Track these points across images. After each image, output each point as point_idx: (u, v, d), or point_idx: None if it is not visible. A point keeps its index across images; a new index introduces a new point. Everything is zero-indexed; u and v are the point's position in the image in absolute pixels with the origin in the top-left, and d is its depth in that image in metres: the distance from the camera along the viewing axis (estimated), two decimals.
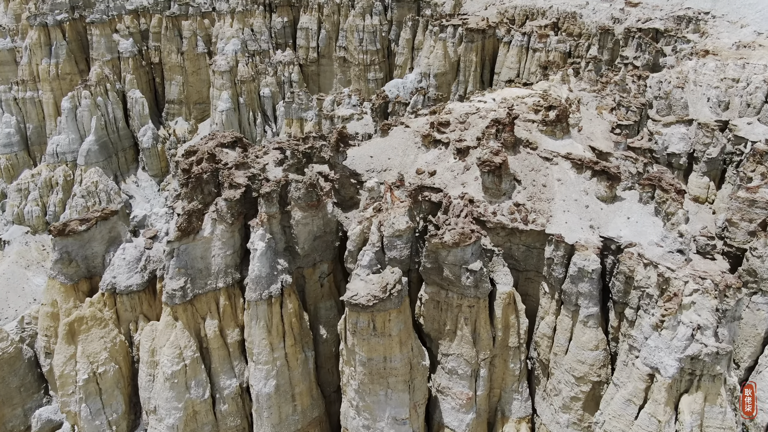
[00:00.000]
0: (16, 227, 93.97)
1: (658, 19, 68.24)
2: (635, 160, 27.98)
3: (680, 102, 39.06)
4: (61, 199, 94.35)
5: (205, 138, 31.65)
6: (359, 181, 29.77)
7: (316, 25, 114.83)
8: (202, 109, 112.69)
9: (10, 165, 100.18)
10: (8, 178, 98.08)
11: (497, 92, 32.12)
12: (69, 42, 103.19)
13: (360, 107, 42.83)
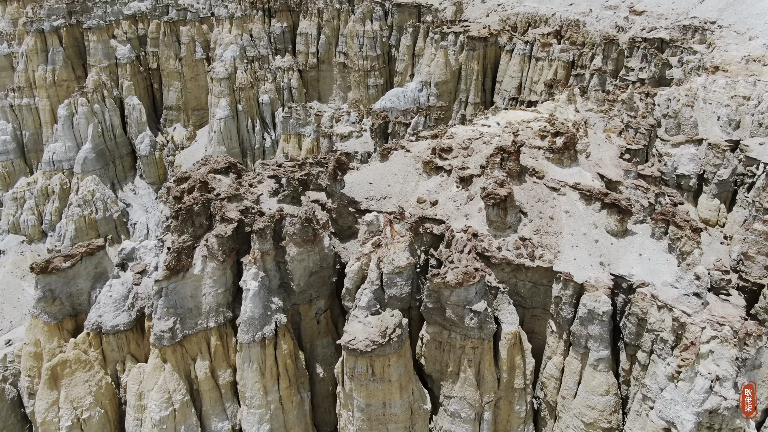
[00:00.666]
0: (12, 236, 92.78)
1: (664, 28, 66.99)
2: (646, 190, 26.75)
3: (690, 121, 37.83)
4: (57, 207, 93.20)
5: (198, 163, 30.46)
6: (358, 209, 28.56)
7: (315, 30, 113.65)
8: (200, 115, 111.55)
9: (6, 173, 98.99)
10: (4, 186, 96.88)
11: (501, 115, 30.90)
12: (66, 48, 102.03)
13: (359, 124, 41.64)
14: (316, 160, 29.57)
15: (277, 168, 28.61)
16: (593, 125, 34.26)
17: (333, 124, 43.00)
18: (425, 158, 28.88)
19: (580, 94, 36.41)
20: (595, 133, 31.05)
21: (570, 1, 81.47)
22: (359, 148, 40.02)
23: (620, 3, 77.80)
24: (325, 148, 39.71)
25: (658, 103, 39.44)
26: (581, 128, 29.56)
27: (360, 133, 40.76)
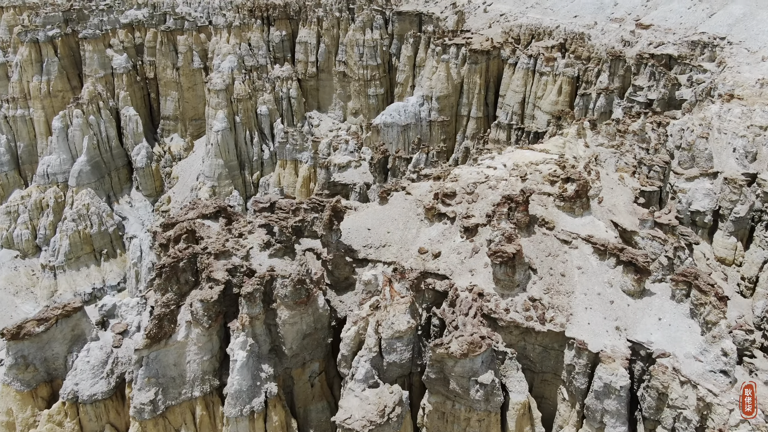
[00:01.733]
0: (5, 251, 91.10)
1: (671, 43, 65.20)
2: (664, 242, 24.98)
3: (704, 153, 36.05)
4: (51, 221, 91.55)
5: (186, 207, 28.74)
6: (355, 259, 26.81)
7: (315, 39, 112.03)
8: (198, 125, 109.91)
9: (0, 185, 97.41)
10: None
11: (508, 155, 29.13)
12: (61, 58, 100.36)
13: (358, 152, 39.90)
14: (311, 205, 27.82)
15: (269, 215, 26.87)
16: (604, 161, 32.48)
17: (330, 151, 41.26)
18: (427, 204, 27.11)
19: (590, 127, 34.64)
20: (608, 174, 29.26)
21: (574, 13, 79.66)
22: (357, 178, 38.24)
23: (626, 16, 76.02)
24: (323, 179, 38.05)
25: (671, 133, 37.66)
26: (592, 170, 27.80)
27: (358, 162, 39.04)
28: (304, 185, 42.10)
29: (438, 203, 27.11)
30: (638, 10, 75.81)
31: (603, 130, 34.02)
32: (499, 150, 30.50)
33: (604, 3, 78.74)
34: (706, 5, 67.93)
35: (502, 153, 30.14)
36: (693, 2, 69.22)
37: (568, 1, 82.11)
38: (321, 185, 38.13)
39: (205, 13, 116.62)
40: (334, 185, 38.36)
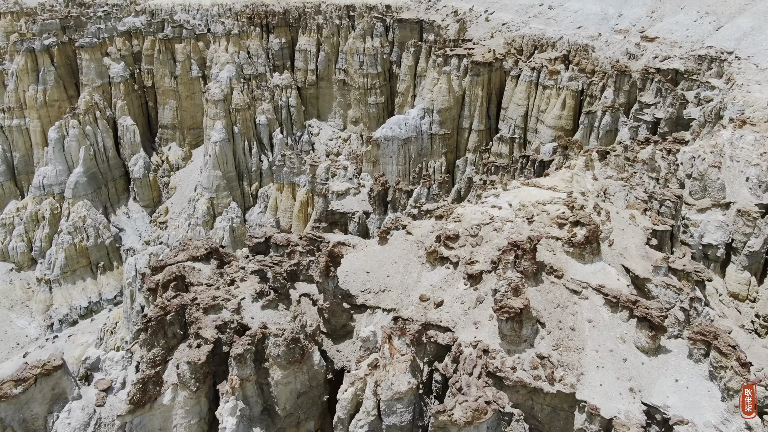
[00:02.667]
0: (0, 264, 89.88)
1: (678, 57, 63.84)
2: (678, 290, 23.67)
3: (716, 183, 34.72)
4: (47, 234, 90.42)
5: (176, 248, 27.43)
6: (353, 305, 25.50)
7: (314, 47, 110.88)
8: (196, 134, 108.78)
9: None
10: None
11: (513, 192, 27.79)
12: (57, 67, 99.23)
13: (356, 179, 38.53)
14: (307, 247, 26.51)
15: (263, 259, 25.57)
16: (613, 195, 31.17)
17: (329, 176, 39.97)
18: (429, 247, 25.79)
19: (598, 158, 33.32)
20: (618, 213, 27.93)
21: (578, 24, 78.32)
22: (356, 206, 36.91)
23: (631, 27, 74.70)
24: (320, 207, 36.69)
25: (681, 161, 36.33)
26: (602, 211, 26.47)
27: (357, 189, 37.73)
28: (302, 210, 40.84)
29: (440, 246, 25.79)
30: (643, 21, 74.48)
31: (612, 161, 32.70)
32: (504, 186, 29.14)
33: (608, 14, 77.41)
34: (712, 18, 66.58)
35: (508, 189, 28.81)
36: (699, 15, 67.87)
37: (571, 11, 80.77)
38: (319, 213, 36.84)
39: (204, 20, 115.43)
40: (332, 214, 37.06)
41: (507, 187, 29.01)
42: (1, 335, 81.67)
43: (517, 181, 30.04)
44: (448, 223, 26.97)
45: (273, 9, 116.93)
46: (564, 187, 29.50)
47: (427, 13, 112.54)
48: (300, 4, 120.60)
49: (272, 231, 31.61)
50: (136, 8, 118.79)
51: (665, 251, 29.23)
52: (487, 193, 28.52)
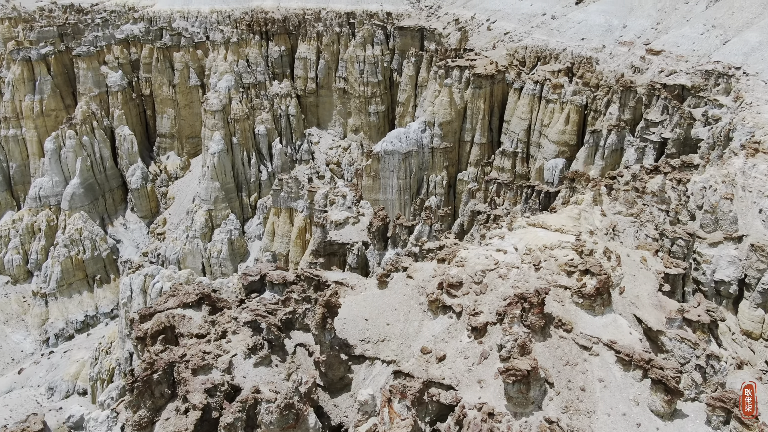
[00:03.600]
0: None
1: (684, 72, 62.59)
2: (694, 345, 22.47)
3: (728, 216, 33.50)
4: (43, 246, 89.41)
5: (166, 294, 26.25)
6: (351, 355, 24.29)
7: (314, 54, 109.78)
8: (194, 143, 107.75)
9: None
10: None
11: (519, 234, 26.59)
12: (54, 76, 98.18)
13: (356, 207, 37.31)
14: (303, 296, 25.31)
15: (256, 308, 24.37)
16: (623, 232, 29.97)
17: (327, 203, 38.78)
18: (431, 295, 24.58)
19: (606, 192, 32.11)
20: (629, 255, 26.73)
21: (581, 35, 77.08)
22: (356, 236, 35.69)
23: (635, 39, 73.47)
24: (318, 238, 35.50)
25: (692, 191, 35.11)
26: (612, 256, 25.27)
27: (356, 218, 36.53)
28: (299, 236, 39.69)
29: (443, 294, 24.59)
30: (648, 33, 73.26)
31: (621, 196, 31.50)
32: (509, 225, 27.91)
33: (613, 25, 76.17)
34: (719, 32, 65.33)
35: (513, 229, 27.60)
36: (706, 28, 66.62)
37: (574, 22, 79.53)
38: (317, 245, 35.64)
39: (203, 27, 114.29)
40: (331, 244, 35.85)
41: (512, 226, 27.79)
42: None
43: (522, 219, 28.80)
44: (450, 268, 25.77)
45: (272, 16, 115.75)
46: (572, 226, 28.28)
47: (428, 21, 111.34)
48: (300, 11, 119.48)
49: (267, 267, 30.42)
50: (135, 15, 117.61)
51: (678, 294, 28.03)
52: (492, 234, 27.30)
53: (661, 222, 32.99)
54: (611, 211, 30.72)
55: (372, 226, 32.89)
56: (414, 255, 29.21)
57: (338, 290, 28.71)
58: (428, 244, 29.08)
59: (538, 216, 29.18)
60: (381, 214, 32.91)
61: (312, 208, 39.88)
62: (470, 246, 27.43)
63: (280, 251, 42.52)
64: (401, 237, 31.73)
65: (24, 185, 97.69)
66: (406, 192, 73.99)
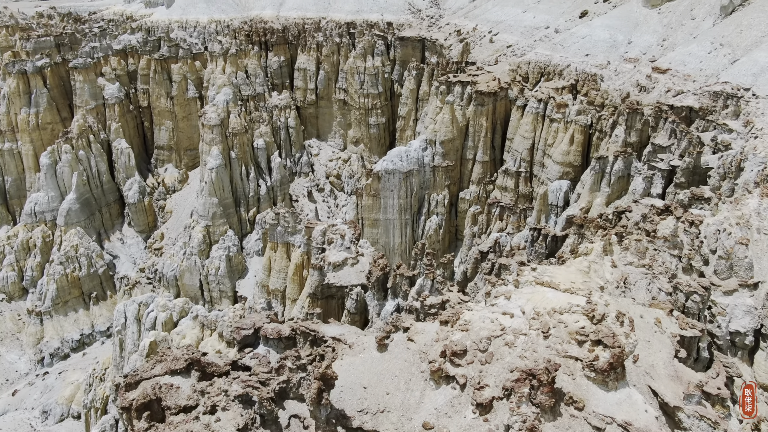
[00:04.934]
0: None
1: (692, 93, 61.14)
2: (714, 424, 21.09)
3: (743, 262, 32.11)
4: (39, 263, 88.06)
5: (153, 359, 24.83)
6: (348, 428, 22.91)
7: (314, 65, 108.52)
8: (193, 155, 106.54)
9: None
10: None
11: (527, 292, 25.21)
12: (50, 89, 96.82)
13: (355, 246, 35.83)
14: (298, 364, 23.92)
15: (247, 379, 22.99)
16: (634, 284, 28.57)
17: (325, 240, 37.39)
18: (434, 363, 23.20)
19: (617, 241, 30.70)
20: (642, 317, 25.35)
21: (586, 51, 75.65)
22: (354, 279, 34.28)
23: (641, 56, 72.01)
24: (315, 281, 34.10)
25: (705, 234, 33.70)
26: (625, 320, 23.88)
27: (355, 259, 35.14)
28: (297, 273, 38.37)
29: (446, 362, 23.20)
30: (654, 50, 71.80)
31: (632, 246, 30.08)
32: (516, 281, 26.51)
33: (618, 41, 74.72)
34: (727, 50, 63.84)
35: (520, 286, 26.21)
36: (713, 46, 65.13)
37: (578, 37, 78.08)
38: (314, 288, 34.25)
39: (201, 38, 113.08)
40: (329, 287, 34.48)
41: (519, 282, 26.38)
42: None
43: (529, 273, 27.37)
44: (454, 332, 24.38)
45: (272, 26, 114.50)
46: (581, 282, 26.87)
47: (429, 31, 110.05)
48: (299, 20, 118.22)
49: (261, 319, 29.11)
50: (132, 25, 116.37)
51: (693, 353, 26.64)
52: (497, 292, 25.91)
53: (674, 268, 31.59)
54: (622, 262, 29.32)
55: (371, 275, 31.49)
56: (415, 310, 27.81)
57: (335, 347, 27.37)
58: (430, 299, 27.70)
59: (546, 268, 27.76)
60: (380, 262, 31.53)
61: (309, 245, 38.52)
62: (474, 306, 26.02)
63: (277, 287, 41.21)
64: (402, 287, 30.34)
65: (20, 199, 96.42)
66: (407, 212, 72.65)
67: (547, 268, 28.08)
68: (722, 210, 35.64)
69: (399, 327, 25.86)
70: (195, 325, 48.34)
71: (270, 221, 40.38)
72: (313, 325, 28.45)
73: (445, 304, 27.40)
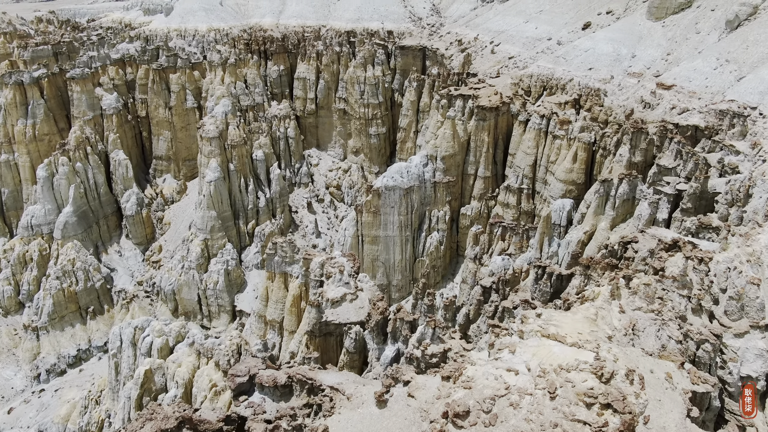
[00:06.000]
0: None
1: (697, 111, 60.06)
2: None
3: (755, 302, 31.06)
4: (35, 276, 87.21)
5: (142, 417, 23.90)
6: None
7: (314, 75, 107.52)
8: (191, 166, 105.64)
9: None
10: None
11: (533, 346, 24.19)
12: (47, 99, 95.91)
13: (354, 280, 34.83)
14: (293, 425, 22.95)
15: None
16: (643, 331, 27.57)
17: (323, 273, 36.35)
18: (435, 424, 22.20)
19: (625, 284, 29.69)
20: (652, 372, 24.35)
21: (589, 65, 74.59)
22: (353, 316, 33.19)
23: (645, 70, 70.98)
24: (313, 319, 33.03)
25: (715, 272, 32.66)
26: (635, 377, 22.89)
27: (354, 294, 34.10)
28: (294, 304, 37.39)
29: (448, 423, 22.20)
30: (658, 64, 70.74)
31: (641, 290, 29.06)
32: (521, 333, 25.50)
33: (621, 55, 73.67)
34: (733, 67, 62.75)
35: (525, 337, 25.20)
36: (719, 62, 64.05)
37: (581, 50, 77.03)
38: (312, 326, 33.21)
39: (200, 47, 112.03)
40: (327, 325, 33.45)
41: (524, 332, 25.38)
42: None
43: (534, 320, 26.35)
44: (456, 389, 23.38)
45: (271, 35, 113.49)
46: (588, 332, 25.87)
47: (430, 40, 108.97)
48: (299, 28, 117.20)
49: (257, 365, 28.15)
50: (131, 34, 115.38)
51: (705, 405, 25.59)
52: (502, 343, 24.90)
53: (683, 309, 30.58)
54: (630, 307, 28.31)
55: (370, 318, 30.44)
56: (416, 359, 26.80)
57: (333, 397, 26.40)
58: (432, 348, 26.69)
59: (552, 315, 26.74)
60: (380, 305, 30.50)
61: (307, 276, 37.55)
62: (477, 357, 25.01)
63: (274, 317, 40.25)
64: (402, 332, 29.34)
65: (17, 211, 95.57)
66: (408, 228, 71.66)
67: (552, 314, 27.07)
68: (732, 244, 34.60)
69: (399, 380, 24.87)
70: (191, 352, 47.36)
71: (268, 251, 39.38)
72: (310, 373, 27.46)
73: (447, 354, 26.41)
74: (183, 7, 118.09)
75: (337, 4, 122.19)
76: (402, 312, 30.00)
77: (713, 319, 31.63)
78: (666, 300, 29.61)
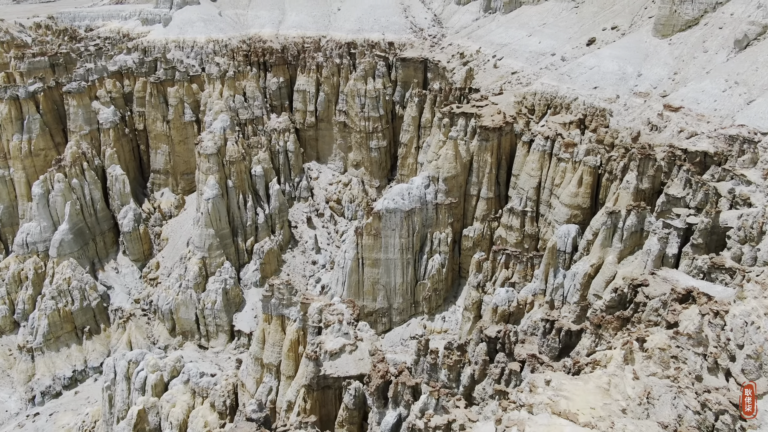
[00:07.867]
0: None
1: (706, 135, 58.58)
2: None
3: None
4: (30, 295, 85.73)
5: None
6: None
7: (314, 87, 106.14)
8: (189, 179, 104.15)
9: None
10: None
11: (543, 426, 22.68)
12: (43, 114, 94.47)
13: (353, 329, 33.36)
14: None
15: None
16: (658, 399, 26.14)
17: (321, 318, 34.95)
18: None
19: (639, 347, 28.26)
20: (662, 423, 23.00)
21: (594, 83, 73.08)
22: (353, 369, 31.69)
23: (651, 90, 69.44)
24: (311, 373, 31.55)
25: (731, 327, 31.16)
26: None
27: (354, 345, 32.68)
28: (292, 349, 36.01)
29: None
30: (665, 84, 69.22)
31: (656, 355, 27.62)
32: (530, 408, 24.08)
33: (627, 73, 72.15)
34: (743, 89, 61.25)
35: (534, 412, 23.81)
36: (728, 84, 62.54)
37: (586, 67, 75.52)
38: (309, 379, 31.79)
39: (198, 58, 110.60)
40: (325, 378, 32.04)
41: (533, 408, 23.95)
42: None
43: (543, 390, 24.93)
44: None
45: (271, 46, 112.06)
46: (601, 405, 24.44)
47: (432, 51, 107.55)
48: (299, 39, 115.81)
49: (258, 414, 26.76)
50: (129, 45, 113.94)
51: None
52: (509, 420, 23.47)
53: (698, 369, 29.12)
54: (644, 372, 26.88)
55: (371, 381, 28.97)
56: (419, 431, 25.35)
57: None
58: (435, 419, 25.26)
59: (562, 383, 25.32)
60: (380, 367, 29.06)
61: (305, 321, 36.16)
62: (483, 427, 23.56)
63: (271, 361, 38.91)
64: (404, 396, 27.92)
65: (12, 227, 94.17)
66: (409, 251, 70.26)
67: (562, 381, 25.65)
68: (748, 292, 33.06)
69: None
70: (186, 390, 46.02)
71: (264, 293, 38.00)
72: None
73: (451, 426, 24.98)
74: (182, 18, 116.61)
75: (338, 15, 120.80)
76: (403, 376, 28.57)
77: (730, 377, 30.21)
78: (680, 359, 28.18)
